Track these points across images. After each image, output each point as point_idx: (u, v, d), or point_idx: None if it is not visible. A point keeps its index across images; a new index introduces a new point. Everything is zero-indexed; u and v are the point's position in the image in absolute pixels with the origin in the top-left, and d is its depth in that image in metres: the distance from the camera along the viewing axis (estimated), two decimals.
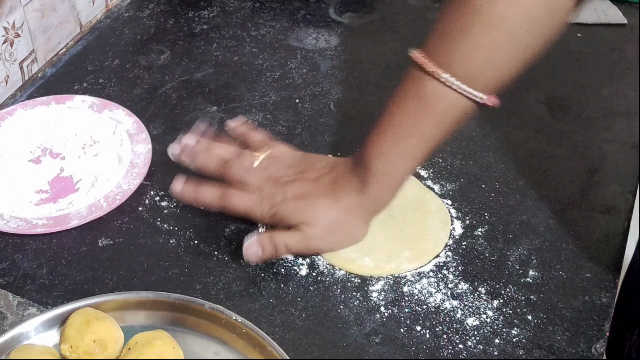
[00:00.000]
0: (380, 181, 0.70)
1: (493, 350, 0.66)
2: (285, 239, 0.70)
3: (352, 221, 0.72)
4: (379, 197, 0.71)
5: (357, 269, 0.72)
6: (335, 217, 0.71)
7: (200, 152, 0.76)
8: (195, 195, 0.74)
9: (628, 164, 0.83)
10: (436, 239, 0.74)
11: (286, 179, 0.73)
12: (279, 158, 0.76)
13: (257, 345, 0.62)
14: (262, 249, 0.70)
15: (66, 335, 0.62)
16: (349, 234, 0.72)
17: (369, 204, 0.71)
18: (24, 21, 0.93)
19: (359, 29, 1.04)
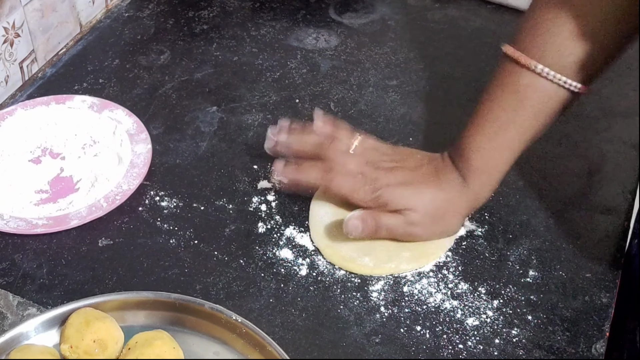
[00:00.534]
0: (481, 176, 0.72)
1: (493, 350, 0.66)
2: (388, 220, 0.71)
3: (452, 213, 0.73)
4: (480, 191, 0.73)
5: (356, 268, 0.72)
6: (439, 206, 0.72)
7: (295, 139, 0.76)
8: (297, 176, 0.74)
9: (628, 164, 0.83)
10: (438, 242, 0.74)
11: (387, 165, 0.74)
12: (374, 146, 0.76)
13: (257, 345, 0.62)
14: (364, 224, 0.70)
15: (66, 335, 0.62)
16: (448, 225, 0.73)
17: (470, 198, 0.73)
18: (24, 21, 0.93)
19: (359, 29, 1.04)
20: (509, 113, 0.70)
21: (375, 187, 0.72)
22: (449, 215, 0.73)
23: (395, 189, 0.72)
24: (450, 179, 0.73)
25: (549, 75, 0.67)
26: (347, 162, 0.74)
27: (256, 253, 0.74)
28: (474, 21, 1.05)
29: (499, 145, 0.71)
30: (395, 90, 0.93)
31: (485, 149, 0.71)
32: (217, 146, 0.85)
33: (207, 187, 0.80)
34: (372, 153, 0.75)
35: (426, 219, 0.72)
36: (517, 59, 0.69)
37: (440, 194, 0.72)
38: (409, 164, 0.75)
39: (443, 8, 1.07)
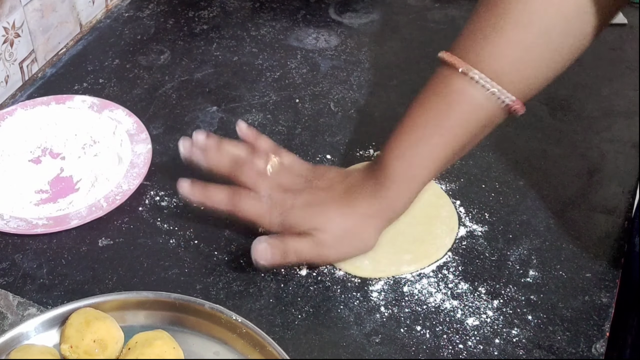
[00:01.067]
0: (398, 184, 0.68)
1: (493, 350, 0.66)
2: (296, 244, 0.68)
3: (365, 229, 0.69)
4: (396, 202, 0.69)
5: (356, 270, 0.71)
6: (348, 224, 0.68)
7: (212, 149, 0.72)
8: (204, 196, 0.71)
9: (628, 164, 0.83)
10: (440, 243, 0.74)
11: (297, 187, 0.71)
12: (290, 166, 0.73)
13: (257, 345, 0.62)
14: (271, 252, 0.67)
15: (66, 335, 0.62)
16: (362, 242, 0.69)
17: (384, 208, 0.69)
18: (24, 21, 0.93)
19: (359, 29, 1.04)
20: (436, 120, 0.66)
21: (282, 211, 0.69)
22: (362, 232, 0.69)
23: (302, 210, 0.69)
24: (362, 192, 0.69)
25: (481, 80, 0.63)
26: (258, 185, 0.71)
27: None
28: None
29: (421, 153, 0.67)
30: (395, 90, 0.93)
31: (407, 156, 0.67)
32: None
33: None
34: (285, 175, 0.72)
35: (336, 239, 0.68)
36: (451, 63, 0.65)
37: (351, 211, 0.68)
38: (320, 184, 0.71)
39: (443, 8, 1.07)
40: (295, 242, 0.68)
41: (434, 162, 0.68)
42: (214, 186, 0.71)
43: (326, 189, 0.71)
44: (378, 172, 0.69)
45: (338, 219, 0.68)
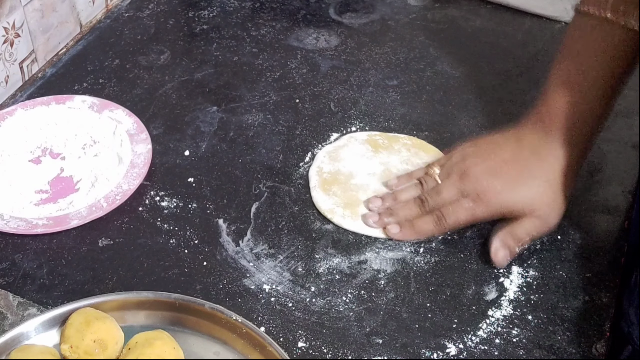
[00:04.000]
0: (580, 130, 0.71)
1: (493, 350, 0.66)
2: (525, 230, 0.71)
3: (567, 177, 0.72)
4: (581, 145, 0.72)
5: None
6: (548, 188, 0.71)
7: (394, 207, 0.76)
8: (415, 236, 0.74)
9: (628, 164, 0.83)
10: None
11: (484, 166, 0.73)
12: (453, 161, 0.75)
13: (257, 345, 0.62)
14: (509, 250, 0.71)
15: (66, 335, 0.62)
16: (565, 202, 0.72)
17: (575, 154, 0.72)
18: (24, 21, 0.93)
19: (359, 29, 1.04)
20: (594, 65, 0.70)
21: (487, 200, 0.72)
22: (566, 184, 0.72)
23: (506, 193, 0.71)
24: (550, 149, 0.72)
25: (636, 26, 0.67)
26: (443, 195, 0.73)
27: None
28: (474, 21, 1.05)
29: (591, 97, 0.71)
30: (395, 90, 0.93)
31: (578, 103, 0.71)
32: (217, 146, 0.85)
33: (207, 187, 0.80)
34: (459, 170, 0.74)
35: (549, 207, 0.71)
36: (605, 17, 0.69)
37: (541, 176, 0.71)
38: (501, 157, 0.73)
39: (443, 8, 1.07)
40: (522, 227, 0.71)
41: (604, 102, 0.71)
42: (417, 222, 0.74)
43: (512, 161, 0.72)
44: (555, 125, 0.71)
45: (545, 184, 0.71)
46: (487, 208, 0.72)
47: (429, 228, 0.74)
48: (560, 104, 0.72)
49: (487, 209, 0.72)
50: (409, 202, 0.76)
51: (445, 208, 0.73)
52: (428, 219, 0.74)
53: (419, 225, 0.74)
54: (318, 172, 0.81)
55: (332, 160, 0.83)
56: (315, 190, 0.79)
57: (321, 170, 0.82)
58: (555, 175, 0.71)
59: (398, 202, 0.76)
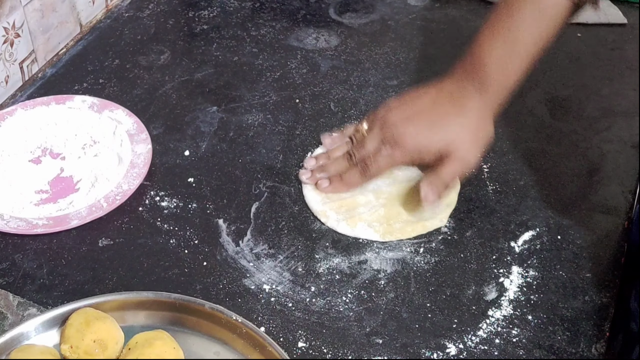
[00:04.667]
0: (499, 80, 0.74)
1: (493, 350, 0.66)
2: (446, 170, 0.74)
3: (485, 123, 0.75)
4: (499, 95, 0.75)
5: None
6: (472, 127, 0.75)
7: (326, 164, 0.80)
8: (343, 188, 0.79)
9: (628, 164, 0.83)
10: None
11: (400, 118, 0.76)
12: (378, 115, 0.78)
13: (257, 345, 0.62)
14: (432, 191, 0.74)
15: (66, 335, 0.62)
16: (487, 136, 0.76)
17: (491, 102, 0.75)
18: (24, 21, 0.93)
19: (359, 29, 1.04)
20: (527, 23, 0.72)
21: (403, 144, 0.75)
22: (485, 127, 0.75)
23: (423, 136, 0.75)
24: (469, 96, 0.75)
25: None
26: (367, 147, 0.77)
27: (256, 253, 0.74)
28: (474, 21, 1.05)
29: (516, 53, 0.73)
30: (395, 90, 0.93)
31: (503, 57, 0.74)
32: (217, 146, 0.85)
33: (207, 187, 0.80)
34: (381, 121, 0.77)
35: (471, 145, 0.74)
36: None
37: (467, 115, 0.75)
38: (420, 106, 0.77)
39: (443, 8, 1.07)
40: (445, 169, 0.74)
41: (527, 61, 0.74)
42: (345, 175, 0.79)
43: (430, 108, 0.76)
44: (478, 74, 0.75)
45: (461, 127, 0.75)
46: (405, 152, 0.75)
47: (355, 179, 0.78)
48: (484, 56, 0.75)
49: (405, 153, 0.75)
50: (339, 158, 0.80)
51: (368, 158, 0.77)
52: (354, 171, 0.78)
53: (346, 177, 0.78)
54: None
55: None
56: (307, 189, 0.79)
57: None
58: (471, 120, 0.75)
59: (329, 159, 0.81)
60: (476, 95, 0.75)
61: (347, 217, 0.76)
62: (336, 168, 0.79)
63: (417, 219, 0.76)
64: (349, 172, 0.78)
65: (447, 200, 0.78)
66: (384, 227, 0.75)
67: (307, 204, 0.78)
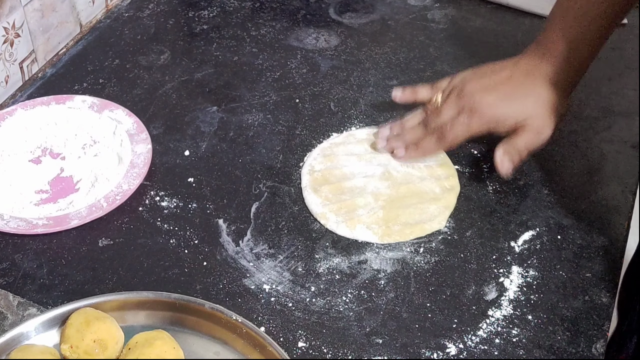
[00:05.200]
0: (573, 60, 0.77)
1: (493, 350, 0.66)
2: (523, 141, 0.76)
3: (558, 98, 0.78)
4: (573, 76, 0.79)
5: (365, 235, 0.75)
6: (546, 102, 0.77)
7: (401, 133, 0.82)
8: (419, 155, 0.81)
9: (628, 164, 0.83)
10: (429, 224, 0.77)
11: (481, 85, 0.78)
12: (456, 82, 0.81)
13: (257, 345, 0.62)
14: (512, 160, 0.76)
15: (66, 335, 0.62)
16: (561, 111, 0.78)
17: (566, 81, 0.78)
18: (24, 21, 0.93)
19: (359, 29, 1.04)
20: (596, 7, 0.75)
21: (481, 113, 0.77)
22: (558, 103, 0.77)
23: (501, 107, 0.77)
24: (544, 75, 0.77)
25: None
26: (443, 115, 0.79)
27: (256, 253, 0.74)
28: (474, 21, 1.05)
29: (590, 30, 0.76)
30: None
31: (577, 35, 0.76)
32: (217, 146, 0.85)
33: (207, 187, 0.80)
34: (458, 90, 0.79)
35: (545, 119, 0.76)
36: None
37: (540, 91, 0.77)
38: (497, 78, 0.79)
39: (443, 8, 1.07)
40: (521, 140, 0.77)
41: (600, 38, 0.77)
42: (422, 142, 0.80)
43: (507, 81, 0.79)
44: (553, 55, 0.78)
45: (537, 100, 0.77)
46: (481, 121, 0.77)
47: (431, 146, 0.80)
48: (558, 34, 0.77)
49: (482, 122, 0.77)
50: (414, 127, 0.82)
51: (445, 126, 0.78)
52: (430, 139, 0.80)
53: (422, 145, 0.80)
54: (309, 171, 0.81)
55: (326, 159, 0.83)
56: (307, 191, 0.79)
57: (313, 169, 0.81)
58: (546, 95, 0.77)
59: (404, 128, 0.83)
60: (552, 75, 0.77)
61: (346, 218, 0.76)
62: (412, 136, 0.81)
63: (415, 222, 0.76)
64: (425, 139, 0.80)
65: (446, 203, 0.78)
66: (382, 229, 0.75)
67: (307, 206, 0.78)
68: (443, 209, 0.77)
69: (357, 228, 0.75)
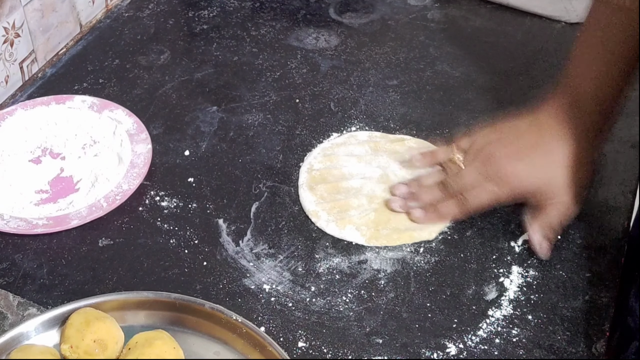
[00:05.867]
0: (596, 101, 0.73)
1: (493, 350, 0.66)
2: (556, 215, 0.73)
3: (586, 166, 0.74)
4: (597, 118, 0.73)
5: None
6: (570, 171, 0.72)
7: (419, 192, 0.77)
8: (438, 219, 0.76)
9: (628, 164, 0.83)
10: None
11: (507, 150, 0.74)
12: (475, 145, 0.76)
13: (257, 345, 0.62)
14: (549, 240, 0.72)
15: (66, 335, 0.62)
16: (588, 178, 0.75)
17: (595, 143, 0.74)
18: (24, 21, 0.93)
19: (359, 29, 1.04)
20: (619, 37, 0.71)
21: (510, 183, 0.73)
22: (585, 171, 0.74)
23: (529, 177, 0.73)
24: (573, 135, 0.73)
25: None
26: (466, 179, 0.75)
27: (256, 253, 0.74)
28: (474, 21, 1.05)
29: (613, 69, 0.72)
30: (395, 90, 0.93)
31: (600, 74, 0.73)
32: (217, 146, 0.85)
33: (207, 187, 0.80)
34: (483, 154, 0.75)
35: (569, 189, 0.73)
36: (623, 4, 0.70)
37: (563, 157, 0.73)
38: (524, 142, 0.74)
39: (443, 8, 1.07)
40: (554, 216, 0.73)
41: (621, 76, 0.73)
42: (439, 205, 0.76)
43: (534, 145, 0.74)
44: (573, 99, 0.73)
45: (568, 172, 0.73)
46: (511, 191, 0.73)
47: (452, 211, 0.75)
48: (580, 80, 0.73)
49: (511, 192, 0.73)
50: (432, 187, 0.77)
51: (468, 192, 0.74)
52: (451, 203, 0.75)
53: (442, 208, 0.75)
54: (308, 169, 0.81)
55: (326, 158, 0.83)
56: (302, 189, 0.79)
57: (312, 167, 0.82)
58: (574, 160, 0.73)
59: (422, 188, 0.78)
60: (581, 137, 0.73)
61: (337, 218, 0.76)
62: (430, 197, 0.76)
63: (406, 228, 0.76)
64: (446, 203, 0.75)
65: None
66: (370, 232, 0.75)
67: (301, 203, 0.78)
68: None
69: (346, 228, 0.75)
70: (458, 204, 0.75)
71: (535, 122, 0.76)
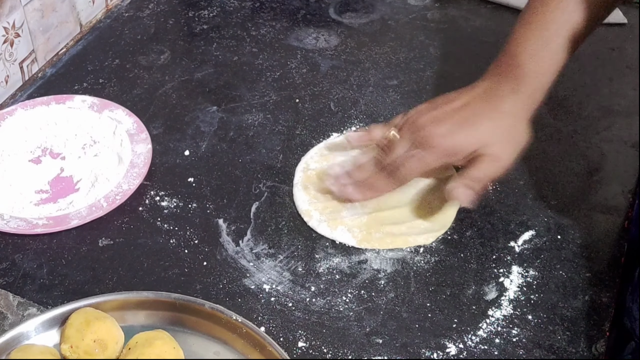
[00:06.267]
0: (535, 79, 0.72)
1: (493, 350, 0.66)
2: (481, 171, 0.71)
3: (519, 124, 0.73)
4: (536, 94, 0.73)
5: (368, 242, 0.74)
6: (505, 126, 0.72)
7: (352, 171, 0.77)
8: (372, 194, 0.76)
9: (628, 164, 0.83)
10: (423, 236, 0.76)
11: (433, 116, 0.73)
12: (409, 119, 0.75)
13: (257, 345, 0.62)
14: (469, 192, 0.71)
15: (66, 335, 0.62)
16: (521, 138, 0.73)
17: (528, 102, 0.73)
18: (24, 21, 0.93)
19: (359, 29, 1.04)
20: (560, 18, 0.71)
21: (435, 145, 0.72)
22: (519, 128, 0.73)
23: (456, 136, 0.72)
24: (504, 95, 0.73)
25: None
26: (397, 151, 0.74)
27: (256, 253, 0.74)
28: (474, 21, 1.05)
29: (552, 50, 0.72)
30: (395, 90, 0.93)
31: (540, 55, 0.72)
32: (217, 146, 0.86)
33: (207, 187, 0.80)
34: (411, 124, 0.74)
35: (504, 146, 0.72)
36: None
37: (501, 115, 0.72)
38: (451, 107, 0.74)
39: (443, 8, 1.07)
40: (479, 170, 0.71)
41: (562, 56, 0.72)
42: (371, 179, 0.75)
43: (461, 109, 0.73)
44: (513, 72, 0.73)
45: (495, 127, 0.72)
46: (437, 154, 0.72)
47: (382, 183, 0.75)
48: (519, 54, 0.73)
49: (437, 155, 0.72)
50: (366, 164, 0.77)
51: (399, 162, 0.74)
52: (382, 175, 0.75)
53: (373, 182, 0.75)
54: (304, 169, 0.81)
55: (322, 158, 0.83)
56: (297, 188, 0.79)
57: (307, 167, 0.81)
58: (505, 120, 0.72)
59: (356, 166, 0.77)
60: (511, 95, 0.73)
61: (329, 218, 0.76)
62: (363, 174, 0.76)
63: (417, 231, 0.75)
64: (377, 176, 0.75)
65: (444, 222, 0.76)
66: (362, 234, 0.75)
67: (294, 202, 0.78)
68: (439, 227, 0.76)
69: (338, 229, 0.75)
70: (388, 175, 0.74)
71: (468, 89, 0.76)
